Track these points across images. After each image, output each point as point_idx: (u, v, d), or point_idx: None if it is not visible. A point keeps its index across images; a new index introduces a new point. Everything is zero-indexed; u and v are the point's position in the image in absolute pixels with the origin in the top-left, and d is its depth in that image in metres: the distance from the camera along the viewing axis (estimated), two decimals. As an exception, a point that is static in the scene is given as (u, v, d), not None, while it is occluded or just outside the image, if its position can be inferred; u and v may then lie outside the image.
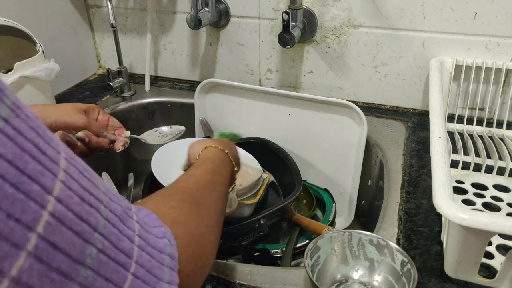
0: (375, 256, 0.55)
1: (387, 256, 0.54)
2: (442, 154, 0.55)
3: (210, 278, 0.55)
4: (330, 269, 0.56)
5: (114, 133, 0.62)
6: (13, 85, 0.77)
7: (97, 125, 0.59)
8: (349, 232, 0.56)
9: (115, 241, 0.24)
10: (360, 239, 0.56)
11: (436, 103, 0.69)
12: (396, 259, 0.53)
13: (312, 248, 0.55)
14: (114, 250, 0.24)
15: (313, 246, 0.55)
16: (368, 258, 0.56)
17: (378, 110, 0.98)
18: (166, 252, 0.29)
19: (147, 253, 0.27)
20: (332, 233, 0.56)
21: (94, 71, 1.21)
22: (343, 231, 0.56)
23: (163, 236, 0.30)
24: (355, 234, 0.56)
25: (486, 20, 0.84)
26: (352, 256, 0.56)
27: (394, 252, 0.53)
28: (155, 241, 0.29)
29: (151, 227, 0.30)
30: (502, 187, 0.73)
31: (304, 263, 0.52)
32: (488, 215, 0.45)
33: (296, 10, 0.88)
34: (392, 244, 0.54)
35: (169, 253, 0.30)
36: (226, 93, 0.95)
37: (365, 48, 0.94)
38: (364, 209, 0.90)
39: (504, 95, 0.89)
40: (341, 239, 0.56)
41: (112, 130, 0.63)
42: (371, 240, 0.55)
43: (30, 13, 0.96)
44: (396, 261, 0.53)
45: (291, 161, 0.85)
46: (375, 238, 0.55)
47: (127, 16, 1.11)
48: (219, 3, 0.99)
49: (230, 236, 0.70)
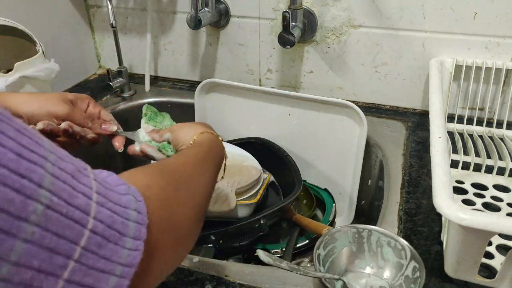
0: (391, 257, 0.56)
1: (402, 259, 0.54)
2: (442, 154, 0.55)
3: (210, 278, 0.55)
4: (344, 261, 0.57)
5: (101, 126, 0.60)
6: (13, 85, 0.77)
7: (82, 115, 0.57)
8: (369, 230, 0.57)
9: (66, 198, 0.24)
10: (379, 239, 0.56)
11: (436, 103, 0.69)
12: (409, 264, 0.53)
13: (328, 239, 0.55)
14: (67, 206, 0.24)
15: (329, 238, 0.55)
16: (384, 258, 0.56)
17: (378, 110, 0.98)
18: (131, 207, 0.29)
19: (108, 209, 0.27)
20: (351, 228, 0.57)
21: (94, 71, 1.21)
22: (363, 228, 0.57)
23: (127, 193, 0.29)
24: (374, 233, 0.56)
25: (486, 20, 0.84)
26: (370, 252, 0.57)
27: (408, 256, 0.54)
28: (117, 197, 0.28)
29: (113, 185, 0.29)
30: (502, 187, 0.73)
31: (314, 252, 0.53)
32: (488, 215, 0.45)
33: (296, 10, 0.88)
34: (408, 248, 0.54)
35: (135, 208, 0.29)
36: (226, 93, 0.95)
37: (365, 48, 0.94)
38: (364, 209, 0.90)
39: (504, 95, 0.89)
40: (360, 235, 0.57)
41: (100, 123, 0.60)
42: (389, 242, 0.56)
43: (30, 13, 0.96)
44: (408, 267, 0.53)
45: (291, 161, 0.85)
46: (393, 241, 0.55)
47: (127, 16, 1.11)
48: (219, 3, 0.99)
49: (230, 236, 0.70)
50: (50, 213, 0.23)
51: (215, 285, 0.54)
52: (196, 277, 0.55)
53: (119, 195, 0.29)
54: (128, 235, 0.27)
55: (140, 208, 0.29)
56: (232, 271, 0.57)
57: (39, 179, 0.23)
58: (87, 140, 0.57)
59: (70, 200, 0.24)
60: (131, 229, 0.28)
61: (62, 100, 0.55)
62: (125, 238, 0.27)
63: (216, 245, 0.69)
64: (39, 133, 0.25)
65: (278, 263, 0.52)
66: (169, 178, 0.37)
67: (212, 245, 0.69)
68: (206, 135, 0.52)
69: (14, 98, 0.52)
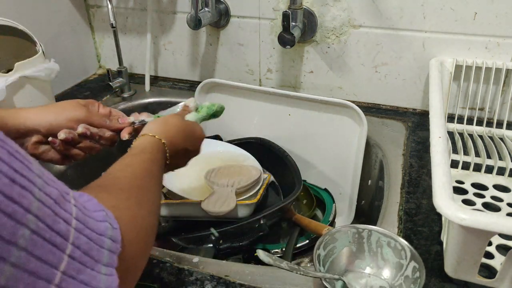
0: (391, 258, 0.56)
1: (402, 259, 0.54)
2: (442, 154, 0.55)
3: (210, 278, 0.55)
4: (344, 261, 0.57)
5: (118, 120, 0.60)
6: (13, 85, 0.77)
7: (98, 115, 0.58)
8: (369, 230, 0.56)
9: (50, 223, 0.24)
10: (379, 239, 0.56)
11: (436, 103, 0.69)
12: (409, 264, 0.53)
13: (328, 239, 0.55)
14: (49, 231, 0.24)
15: (329, 238, 0.56)
16: (384, 258, 0.56)
17: (378, 110, 0.98)
18: (107, 235, 0.30)
19: (85, 236, 0.27)
20: (351, 228, 0.57)
21: (94, 71, 1.21)
22: (363, 228, 0.57)
23: (104, 220, 0.30)
24: (374, 233, 0.56)
25: (486, 20, 0.84)
26: (370, 252, 0.57)
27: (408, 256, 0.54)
28: (95, 224, 0.29)
29: (92, 211, 0.30)
30: (502, 187, 0.73)
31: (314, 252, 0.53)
32: (488, 215, 0.45)
33: (296, 10, 0.88)
34: (408, 249, 0.54)
35: (110, 236, 0.30)
36: (226, 93, 0.95)
37: (365, 48, 0.94)
38: (364, 209, 0.90)
39: (504, 95, 0.89)
40: (360, 235, 0.57)
41: (116, 119, 0.61)
42: (389, 242, 0.55)
43: (30, 13, 0.96)
44: (408, 268, 0.53)
45: (291, 161, 0.85)
46: (393, 241, 0.55)
47: (127, 16, 1.11)
48: (219, 3, 0.99)
49: (230, 236, 0.70)
50: (35, 238, 0.23)
51: (215, 285, 0.54)
52: (196, 277, 0.55)
53: (97, 222, 0.29)
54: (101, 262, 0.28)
55: (115, 236, 0.30)
56: (232, 271, 0.57)
57: (28, 204, 0.23)
58: (106, 139, 0.58)
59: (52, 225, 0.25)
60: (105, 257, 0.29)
61: (77, 105, 0.57)
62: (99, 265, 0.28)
63: (216, 245, 0.69)
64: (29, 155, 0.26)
65: (278, 263, 0.52)
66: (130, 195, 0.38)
67: (212, 245, 0.69)
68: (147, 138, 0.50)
69: (26, 113, 0.52)
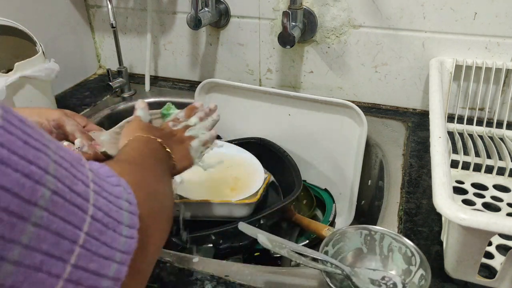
0: (400, 264, 0.55)
1: (412, 265, 0.54)
2: (442, 154, 0.55)
3: (210, 278, 0.55)
4: (352, 261, 0.56)
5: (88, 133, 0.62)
6: (13, 85, 0.77)
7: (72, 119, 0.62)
8: (381, 233, 0.56)
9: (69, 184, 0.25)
10: (391, 243, 0.55)
11: (436, 103, 0.69)
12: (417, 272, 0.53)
13: (338, 238, 0.55)
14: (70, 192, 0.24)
15: (339, 236, 0.55)
16: (394, 263, 0.55)
17: (378, 110, 0.98)
18: (123, 198, 0.30)
19: (104, 198, 0.28)
20: (364, 230, 0.56)
21: (94, 71, 1.21)
22: (375, 230, 0.56)
23: (118, 184, 0.30)
24: (387, 237, 0.55)
25: (486, 20, 0.84)
26: (381, 255, 0.56)
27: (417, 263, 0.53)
28: (111, 188, 0.29)
29: (105, 176, 0.30)
30: (502, 187, 0.73)
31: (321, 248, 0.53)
32: (488, 215, 0.45)
33: (296, 10, 0.88)
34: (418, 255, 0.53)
35: (127, 199, 0.30)
36: (226, 93, 0.95)
37: (365, 48, 0.94)
38: (364, 209, 0.90)
39: (504, 95, 0.89)
40: (372, 237, 0.56)
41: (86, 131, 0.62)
42: (400, 248, 0.55)
43: (30, 13, 0.96)
44: (416, 275, 0.53)
45: (291, 161, 0.85)
46: (404, 247, 0.54)
47: (127, 16, 1.11)
48: (219, 3, 0.99)
49: (230, 236, 0.70)
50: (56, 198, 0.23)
51: (215, 285, 0.54)
52: (196, 277, 0.55)
53: (112, 186, 0.30)
54: (123, 223, 0.28)
55: (130, 199, 0.31)
56: (232, 271, 0.56)
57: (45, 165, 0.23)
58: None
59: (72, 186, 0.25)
60: (125, 218, 0.29)
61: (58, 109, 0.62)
62: (121, 226, 0.28)
63: (216, 245, 0.69)
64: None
65: (278, 249, 0.51)
66: (144, 171, 0.39)
67: (212, 245, 0.69)
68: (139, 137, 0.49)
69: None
